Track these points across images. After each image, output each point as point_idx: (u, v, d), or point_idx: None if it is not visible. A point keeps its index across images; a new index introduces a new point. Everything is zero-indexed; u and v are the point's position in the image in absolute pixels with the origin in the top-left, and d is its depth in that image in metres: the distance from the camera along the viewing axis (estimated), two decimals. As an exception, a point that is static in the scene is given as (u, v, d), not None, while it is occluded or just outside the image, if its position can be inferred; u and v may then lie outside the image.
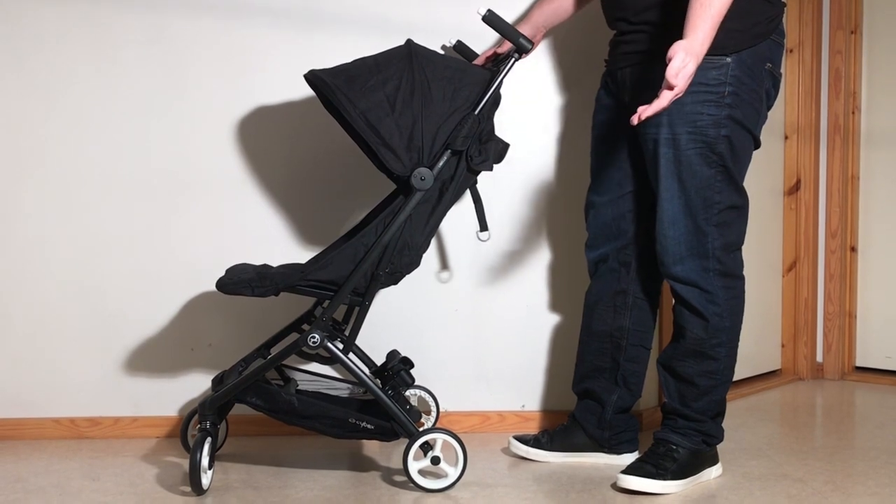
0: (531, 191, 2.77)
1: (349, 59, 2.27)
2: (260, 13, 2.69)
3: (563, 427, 2.55)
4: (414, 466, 2.26)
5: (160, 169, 2.71)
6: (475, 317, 2.80)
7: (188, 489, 2.25)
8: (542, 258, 2.79)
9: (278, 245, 2.73)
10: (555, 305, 2.80)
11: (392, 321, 2.76)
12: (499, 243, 2.77)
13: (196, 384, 2.75)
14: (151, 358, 2.75)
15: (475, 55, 2.40)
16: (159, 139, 2.70)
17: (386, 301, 2.74)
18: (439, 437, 2.27)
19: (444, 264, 2.78)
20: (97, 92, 2.69)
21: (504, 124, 2.71)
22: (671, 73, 1.95)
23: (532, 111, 2.75)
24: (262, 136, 2.72)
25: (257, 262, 2.57)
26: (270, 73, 2.70)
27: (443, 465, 2.26)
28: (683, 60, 1.96)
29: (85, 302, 2.72)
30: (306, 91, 2.57)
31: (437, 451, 2.25)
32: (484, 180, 2.70)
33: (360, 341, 2.54)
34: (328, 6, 2.69)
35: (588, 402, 2.52)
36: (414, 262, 2.27)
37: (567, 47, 2.73)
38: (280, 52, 2.69)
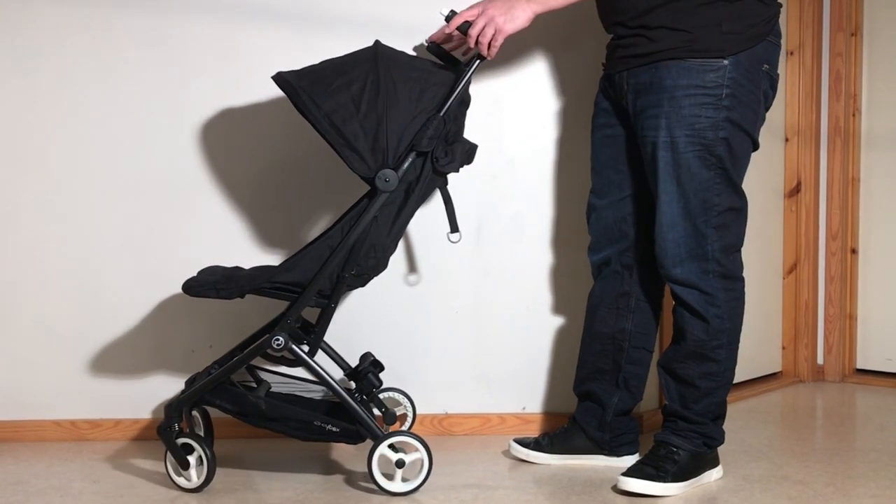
0: (532, 192, 2.76)
1: (349, 61, 2.27)
2: (261, 13, 2.69)
3: (563, 429, 2.55)
4: (378, 469, 2.23)
5: (160, 170, 2.71)
6: (476, 318, 2.79)
7: (189, 492, 2.25)
8: (542, 259, 2.79)
9: (279, 247, 2.73)
10: (556, 307, 2.79)
11: (392, 323, 2.76)
12: (499, 245, 2.77)
13: (196, 386, 2.74)
14: (152, 360, 2.75)
15: (450, 57, 2.37)
16: (159, 140, 2.70)
17: (386, 303, 2.74)
18: (404, 440, 2.24)
19: (445, 266, 2.77)
20: (97, 92, 2.69)
21: (505, 126, 2.71)
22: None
23: (533, 113, 2.75)
24: (262, 137, 2.72)
25: (258, 263, 2.57)
26: (271, 74, 2.69)
27: (408, 468, 2.22)
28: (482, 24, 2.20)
29: (85, 303, 2.72)
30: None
31: (402, 454, 2.21)
32: (485, 182, 2.71)
33: (359, 344, 2.54)
34: (329, 7, 2.70)
35: (589, 404, 2.52)
36: (380, 265, 2.25)
37: (566, 50, 2.73)
38: (281, 52, 2.68)
